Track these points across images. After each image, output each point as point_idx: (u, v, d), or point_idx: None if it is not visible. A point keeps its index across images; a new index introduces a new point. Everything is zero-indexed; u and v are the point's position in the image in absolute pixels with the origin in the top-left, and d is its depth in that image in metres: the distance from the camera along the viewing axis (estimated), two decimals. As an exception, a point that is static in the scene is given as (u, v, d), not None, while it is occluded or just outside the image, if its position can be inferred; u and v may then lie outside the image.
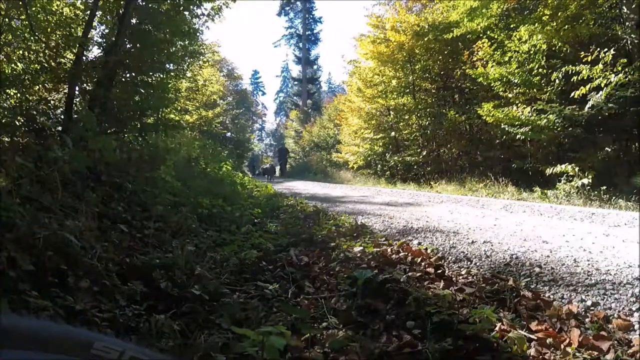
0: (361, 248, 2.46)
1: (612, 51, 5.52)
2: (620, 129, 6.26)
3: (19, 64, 4.00)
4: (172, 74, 5.82)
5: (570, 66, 5.92)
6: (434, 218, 3.83)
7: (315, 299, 1.74)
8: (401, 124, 11.84)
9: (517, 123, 6.86)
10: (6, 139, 2.75)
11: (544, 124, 6.45)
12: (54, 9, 4.29)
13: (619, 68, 5.47)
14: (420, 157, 10.73)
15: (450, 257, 2.34)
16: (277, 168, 22.31)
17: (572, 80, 6.00)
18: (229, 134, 20.46)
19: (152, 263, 1.84)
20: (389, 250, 2.43)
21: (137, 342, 1.23)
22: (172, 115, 6.81)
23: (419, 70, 11.03)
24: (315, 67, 36.33)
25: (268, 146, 44.22)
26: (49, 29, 4.21)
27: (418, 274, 1.97)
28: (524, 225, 3.35)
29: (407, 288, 1.71)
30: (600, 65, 5.59)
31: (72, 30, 4.39)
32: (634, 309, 1.51)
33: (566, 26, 6.58)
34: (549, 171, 6.19)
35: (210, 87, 14.55)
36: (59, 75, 4.15)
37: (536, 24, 6.77)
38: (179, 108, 8.26)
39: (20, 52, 4.02)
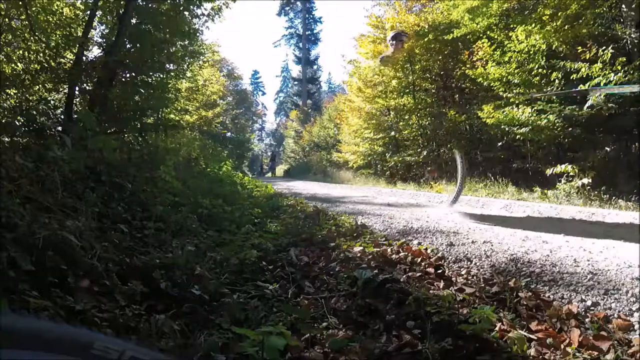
0: (361, 248, 2.46)
1: (610, 49, 5.51)
2: (621, 129, 6.26)
3: (19, 64, 4.01)
4: (172, 74, 5.84)
5: (569, 62, 5.92)
6: (434, 218, 3.83)
7: (315, 299, 1.74)
8: (401, 123, 11.84)
9: (517, 123, 6.86)
10: (6, 139, 2.75)
11: (544, 124, 6.45)
12: (54, 9, 4.30)
13: (618, 67, 5.47)
14: (420, 157, 10.73)
15: (450, 257, 2.34)
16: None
17: (571, 78, 5.99)
18: (229, 134, 20.47)
19: (152, 263, 1.84)
20: (389, 250, 2.42)
21: (137, 342, 1.23)
22: (172, 115, 6.83)
23: (419, 70, 11.02)
24: (315, 67, 36.38)
25: (268, 146, 44.18)
26: (49, 29, 4.22)
27: (418, 274, 1.97)
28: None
29: (407, 288, 1.71)
30: (599, 64, 5.59)
31: (72, 30, 4.40)
32: (634, 309, 1.51)
33: (566, 26, 6.57)
34: (549, 171, 6.19)
35: (210, 87, 14.56)
36: (59, 75, 4.16)
37: (534, 24, 6.77)
38: (179, 108, 8.26)
39: (20, 52, 4.03)
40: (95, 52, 4.77)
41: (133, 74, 4.81)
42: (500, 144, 8.58)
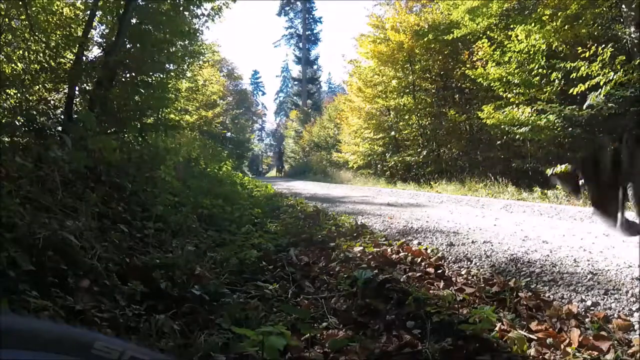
0: (361, 248, 2.46)
1: (609, 47, 5.52)
2: (621, 129, 6.25)
3: (19, 64, 4.00)
4: (172, 74, 5.84)
5: (569, 62, 5.93)
6: (434, 218, 3.83)
7: (315, 299, 1.74)
8: (401, 123, 11.84)
9: (517, 123, 6.87)
10: (6, 139, 2.75)
11: (544, 124, 6.46)
12: (54, 9, 4.29)
13: (618, 67, 5.47)
14: (420, 157, 10.73)
15: (450, 257, 2.34)
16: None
17: (571, 76, 5.99)
18: (229, 134, 20.48)
19: (152, 263, 1.84)
20: (389, 250, 2.43)
21: (137, 342, 1.23)
22: (172, 115, 6.83)
23: (419, 70, 11.03)
24: (315, 67, 36.39)
25: (268, 146, 44.13)
26: (49, 29, 4.21)
27: (418, 274, 1.97)
28: (524, 225, 3.35)
29: (407, 288, 1.71)
30: (599, 63, 5.59)
31: (72, 30, 4.39)
32: (634, 309, 1.51)
33: (566, 26, 6.58)
34: (549, 171, 6.19)
35: (210, 87, 14.56)
36: (59, 75, 4.16)
37: (534, 24, 6.77)
38: (179, 108, 8.27)
39: (20, 52, 4.02)
40: (95, 52, 4.77)
41: (133, 74, 4.81)
42: (498, 142, 8.58)
